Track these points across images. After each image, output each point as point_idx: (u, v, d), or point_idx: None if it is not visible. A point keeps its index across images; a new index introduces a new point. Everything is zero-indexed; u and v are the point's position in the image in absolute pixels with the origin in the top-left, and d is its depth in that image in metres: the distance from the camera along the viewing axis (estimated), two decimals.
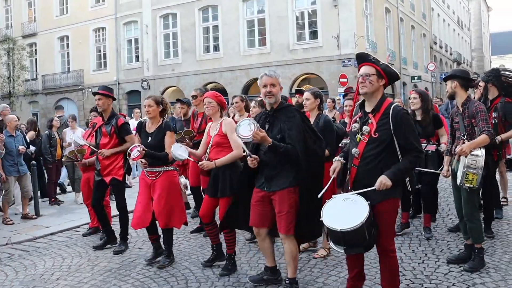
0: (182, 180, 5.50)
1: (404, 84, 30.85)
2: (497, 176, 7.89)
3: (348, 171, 3.79)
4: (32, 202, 8.54)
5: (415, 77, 31.56)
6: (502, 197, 7.36)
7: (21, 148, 8.01)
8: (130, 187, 11.15)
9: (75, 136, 6.45)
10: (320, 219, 3.53)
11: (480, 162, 4.34)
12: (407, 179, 3.67)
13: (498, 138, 5.69)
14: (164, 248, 5.39)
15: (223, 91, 25.93)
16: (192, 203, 7.61)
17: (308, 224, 4.14)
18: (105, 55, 31.66)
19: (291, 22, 24.90)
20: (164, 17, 29.06)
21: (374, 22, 26.73)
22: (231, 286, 4.58)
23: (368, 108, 3.65)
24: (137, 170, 12.88)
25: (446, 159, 5.09)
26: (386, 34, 28.95)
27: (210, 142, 4.90)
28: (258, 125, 3.95)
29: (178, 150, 4.84)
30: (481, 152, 4.40)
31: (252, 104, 6.40)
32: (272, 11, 25.18)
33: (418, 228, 6.28)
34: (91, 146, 6.17)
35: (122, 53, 30.78)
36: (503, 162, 6.94)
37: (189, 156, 4.89)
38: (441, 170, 5.89)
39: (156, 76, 28.91)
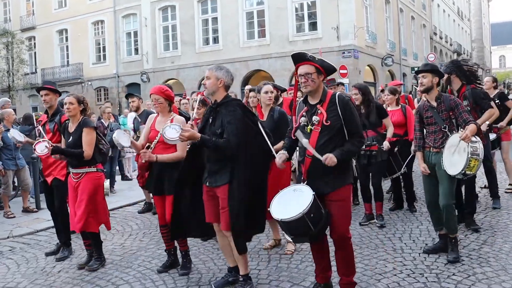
0: (106, 184, 5.11)
1: (404, 75, 30.81)
2: (499, 166, 7.96)
3: (301, 164, 3.87)
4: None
5: (415, 68, 31.49)
6: (509, 184, 7.44)
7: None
8: (130, 179, 11.19)
9: (14, 132, 6.04)
10: (268, 209, 3.64)
11: (480, 148, 4.45)
12: (354, 164, 3.81)
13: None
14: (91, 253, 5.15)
15: None
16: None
17: (252, 218, 3.99)
18: (104, 48, 31.60)
19: (290, 14, 24.80)
20: (163, 9, 28.95)
21: (374, 13, 26.64)
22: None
23: (313, 101, 3.78)
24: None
25: (419, 155, 4.95)
26: (386, 25, 28.87)
27: (157, 138, 4.58)
28: (181, 126, 4.01)
29: (121, 137, 4.58)
30: (478, 139, 4.52)
31: (196, 105, 6.22)
32: (272, 3, 25.06)
33: (419, 218, 6.30)
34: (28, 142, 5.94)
35: (121, 46, 30.70)
36: (506, 149, 7.05)
37: (130, 146, 4.67)
38: (404, 169, 6.52)
39: (156, 69, 28.86)
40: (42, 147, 4.83)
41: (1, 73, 31.34)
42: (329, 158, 3.55)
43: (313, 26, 24.64)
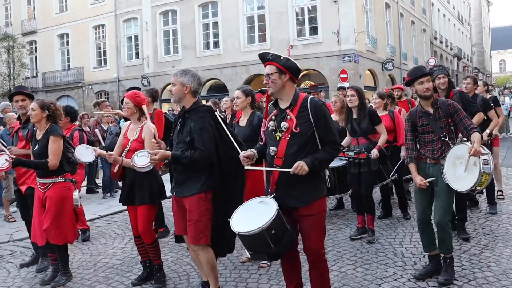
0: (76, 195, 4.91)
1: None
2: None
3: (269, 174, 3.58)
4: None
5: None
6: (498, 191, 7.35)
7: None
8: None
9: None
10: (228, 219, 3.32)
11: (490, 161, 4.06)
12: (327, 174, 3.49)
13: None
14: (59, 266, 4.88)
15: (223, 88, 25.97)
16: None
17: (226, 234, 3.83)
18: (105, 52, 31.68)
19: (291, 18, 24.86)
20: (163, 14, 29.03)
21: (374, 17, 26.70)
22: (232, 282, 4.59)
23: (283, 105, 3.47)
24: None
25: (412, 167, 4.41)
26: (386, 30, 28.93)
27: (127, 146, 4.48)
28: (148, 151, 3.94)
29: (83, 153, 4.44)
30: (487, 150, 4.16)
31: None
32: (272, 7, 25.14)
33: None
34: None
35: (122, 50, 30.78)
36: (496, 155, 6.98)
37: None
38: (394, 176, 6.27)
39: (156, 73, 28.89)
40: (2, 161, 4.69)
41: (2, 77, 31.50)
42: (300, 167, 3.20)
43: (314, 30, 24.69)
